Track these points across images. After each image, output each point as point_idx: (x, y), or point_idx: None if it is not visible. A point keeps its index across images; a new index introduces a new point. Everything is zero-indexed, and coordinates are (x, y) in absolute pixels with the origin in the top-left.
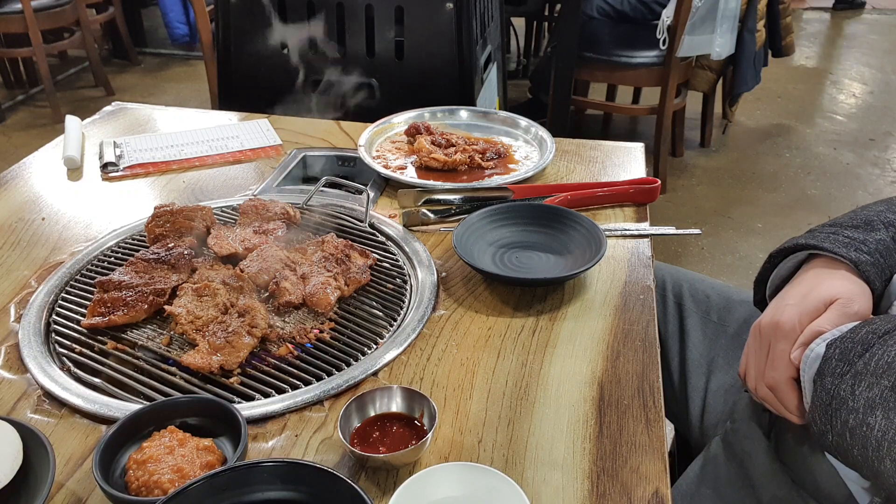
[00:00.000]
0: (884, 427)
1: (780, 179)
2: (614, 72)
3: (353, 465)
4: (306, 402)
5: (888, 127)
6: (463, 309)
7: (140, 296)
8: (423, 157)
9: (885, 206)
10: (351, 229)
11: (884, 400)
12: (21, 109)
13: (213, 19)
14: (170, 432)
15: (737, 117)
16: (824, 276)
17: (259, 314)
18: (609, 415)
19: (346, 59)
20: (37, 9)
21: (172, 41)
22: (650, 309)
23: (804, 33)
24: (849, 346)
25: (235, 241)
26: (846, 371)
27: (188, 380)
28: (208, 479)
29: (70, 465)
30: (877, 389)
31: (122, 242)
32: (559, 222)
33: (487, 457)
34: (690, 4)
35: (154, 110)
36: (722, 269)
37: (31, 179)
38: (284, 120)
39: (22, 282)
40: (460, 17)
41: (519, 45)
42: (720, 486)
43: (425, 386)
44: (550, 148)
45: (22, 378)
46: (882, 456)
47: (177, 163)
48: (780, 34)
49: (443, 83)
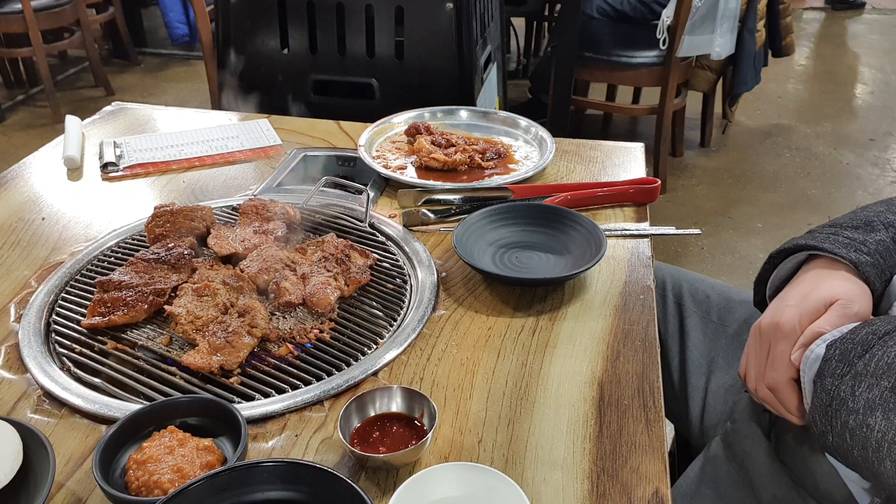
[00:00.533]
0: (884, 428)
1: (780, 179)
2: (614, 72)
3: (353, 465)
4: (306, 402)
5: (888, 127)
6: (463, 309)
7: (140, 296)
8: (423, 157)
9: (885, 207)
10: (351, 229)
11: (884, 401)
12: (21, 109)
13: (213, 19)
14: (170, 432)
15: (737, 117)
16: (824, 276)
17: (259, 314)
18: (609, 415)
19: (346, 59)
20: (37, 9)
21: (172, 41)
22: (650, 309)
23: (804, 33)
24: (849, 347)
25: (235, 241)
26: (846, 372)
27: (188, 380)
28: (208, 479)
29: (70, 465)
30: (877, 390)
31: (122, 242)
32: (559, 222)
33: (487, 457)
34: (690, 4)
35: (154, 110)
36: (722, 269)
37: (31, 179)
38: (284, 120)
39: (22, 282)
40: (460, 17)
41: (519, 45)
42: (720, 486)
43: (425, 386)
44: (550, 148)
45: (22, 378)
46: (882, 457)
47: (177, 163)
48: (780, 34)
49: (443, 83)
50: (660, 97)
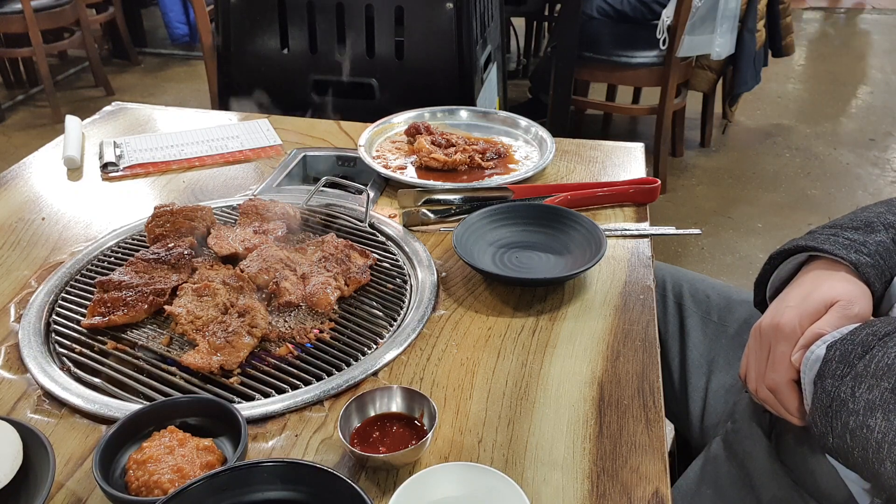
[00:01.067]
0: (884, 429)
1: (780, 179)
2: (614, 72)
3: (353, 465)
4: (306, 402)
5: (888, 127)
6: (463, 309)
7: (140, 296)
8: (423, 157)
9: (885, 208)
10: (351, 229)
11: (884, 402)
12: (21, 109)
13: (213, 19)
14: (170, 432)
15: (737, 117)
16: (824, 277)
17: (259, 314)
18: (609, 415)
19: (346, 59)
20: (37, 9)
21: (172, 41)
22: (650, 309)
23: (804, 33)
24: (849, 348)
25: (235, 241)
26: (846, 373)
27: (188, 380)
28: (208, 479)
29: (70, 465)
30: (877, 391)
31: (122, 242)
32: (559, 222)
33: (487, 457)
34: (690, 4)
35: (154, 110)
36: (722, 269)
37: (31, 179)
38: (284, 120)
39: (22, 282)
40: (460, 17)
41: (519, 45)
42: (720, 486)
43: (425, 386)
44: (550, 148)
45: (22, 378)
46: (882, 458)
47: (177, 163)
48: (780, 34)
49: (443, 83)
50: (660, 97)
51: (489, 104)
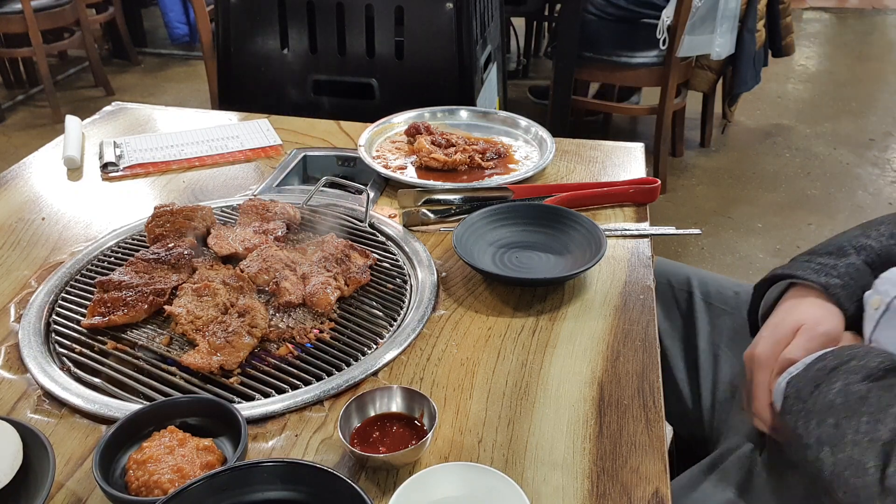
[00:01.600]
0: (832, 464)
1: (780, 179)
2: (614, 72)
3: (353, 465)
4: (306, 402)
5: (888, 127)
6: (463, 309)
7: (140, 296)
8: (423, 157)
9: (860, 231)
10: (351, 229)
11: (829, 438)
12: (21, 109)
13: (213, 19)
14: (170, 432)
15: (737, 117)
16: (795, 304)
17: (259, 314)
18: (609, 415)
19: (346, 59)
20: (37, 9)
21: (172, 41)
22: (650, 309)
23: (804, 33)
24: (802, 384)
25: (235, 241)
26: (800, 409)
27: (188, 380)
28: (208, 479)
29: (70, 465)
30: (824, 428)
31: (122, 242)
32: (559, 222)
33: (487, 457)
34: (690, 4)
35: (154, 110)
36: (722, 270)
37: (31, 179)
38: (284, 120)
39: (22, 282)
40: (460, 17)
41: (519, 45)
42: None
43: (425, 386)
44: (550, 148)
45: (22, 378)
46: (835, 489)
47: (177, 163)
48: (780, 34)
49: (443, 83)
50: (660, 97)
51: (489, 104)
